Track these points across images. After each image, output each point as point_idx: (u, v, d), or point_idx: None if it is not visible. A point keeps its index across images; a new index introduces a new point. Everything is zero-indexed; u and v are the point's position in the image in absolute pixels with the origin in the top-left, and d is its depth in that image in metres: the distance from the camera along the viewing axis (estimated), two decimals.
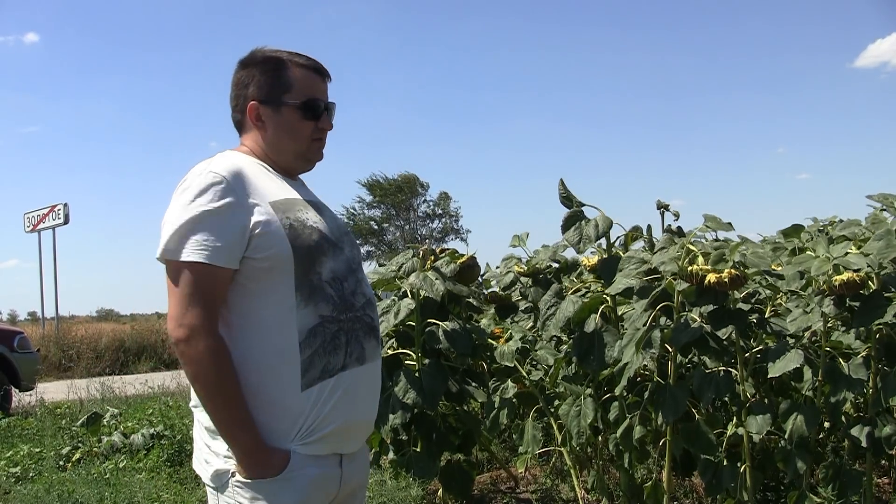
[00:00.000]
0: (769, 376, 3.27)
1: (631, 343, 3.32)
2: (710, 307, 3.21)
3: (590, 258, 3.91)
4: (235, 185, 1.73)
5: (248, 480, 1.71)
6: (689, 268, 3.22)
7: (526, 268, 4.34)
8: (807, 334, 3.39)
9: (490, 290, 4.53)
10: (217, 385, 1.68)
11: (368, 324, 1.86)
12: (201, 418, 1.80)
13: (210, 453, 1.78)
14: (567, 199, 3.56)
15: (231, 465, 1.73)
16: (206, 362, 1.67)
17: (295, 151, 1.92)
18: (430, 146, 64.69)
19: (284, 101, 1.88)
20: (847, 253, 3.14)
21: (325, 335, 1.75)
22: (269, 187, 1.80)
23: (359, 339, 1.82)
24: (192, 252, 1.68)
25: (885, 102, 58.88)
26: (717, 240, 3.53)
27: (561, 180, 3.57)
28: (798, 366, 3.20)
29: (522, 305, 4.71)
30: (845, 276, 3.09)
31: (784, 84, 60.22)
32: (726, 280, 3.12)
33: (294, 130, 1.90)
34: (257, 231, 1.71)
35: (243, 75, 1.91)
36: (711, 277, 3.15)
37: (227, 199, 1.71)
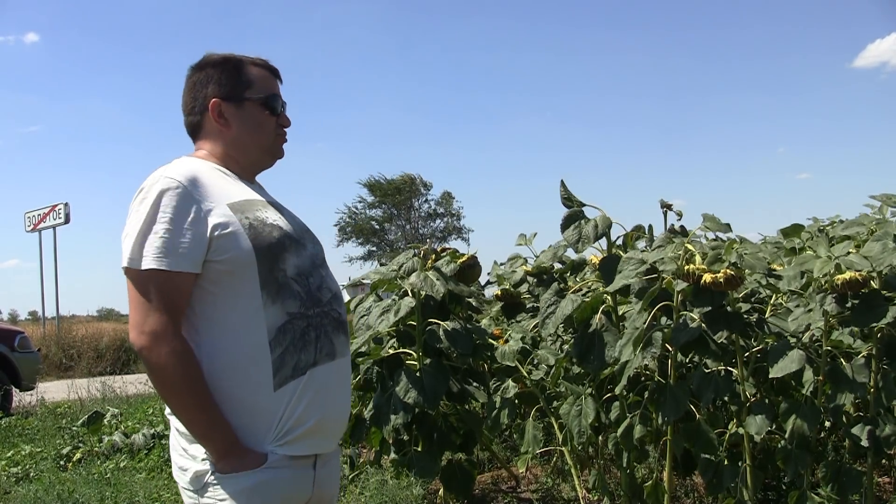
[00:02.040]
0: (770, 377, 3.26)
1: (629, 342, 3.32)
2: (707, 308, 3.20)
3: (597, 257, 3.90)
4: (192, 190, 1.73)
5: (226, 477, 1.70)
6: (687, 267, 3.21)
7: (532, 267, 4.34)
8: (807, 334, 3.38)
9: (502, 288, 4.51)
10: (184, 389, 1.68)
11: (336, 318, 1.86)
12: (177, 424, 1.79)
13: (187, 458, 1.77)
14: (568, 199, 3.56)
15: (210, 465, 1.72)
16: (171, 367, 1.66)
17: (260, 146, 1.95)
18: (434, 146, 64.83)
19: (247, 97, 1.91)
20: (849, 253, 3.14)
21: (295, 332, 1.75)
22: (226, 189, 1.81)
23: (328, 335, 1.82)
24: (151, 260, 1.68)
25: (885, 102, 58.94)
26: (716, 239, 3.52)
27: (562, 181, 3.57)
28: (800, 367, 3.19)
29: (529, 304, 4.71)
30: (848, 275, 3.08)
31: (784, 84, 60.33)
32: (722, 280, 3.11)
33: (258, 125, 1.93)
34: (217, 233, 1.71)
35: (200, 77, 1.93)
36: (707, 278, 3.14)
37: (185, 205, 1.71)
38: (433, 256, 4.23)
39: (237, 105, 1.90)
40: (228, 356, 1.72)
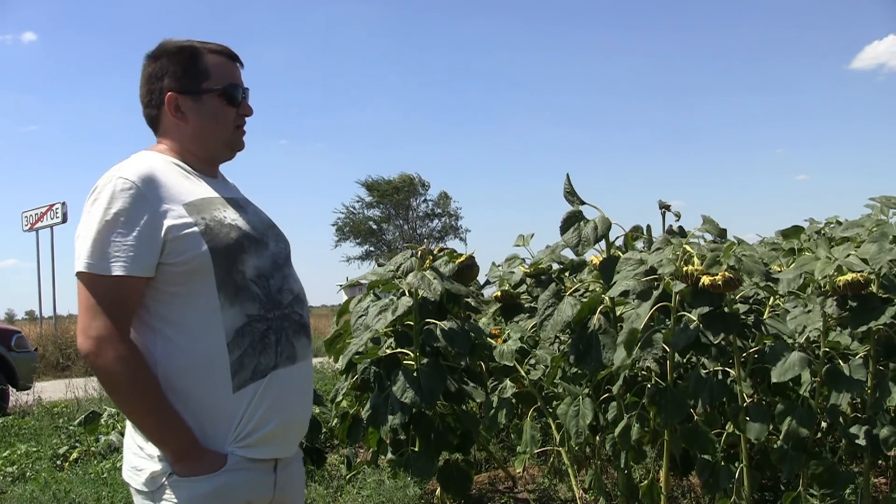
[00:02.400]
0: (773, 381, 3.25)
1: (621, 345, 3.32)
2: (706, 309, 3.20)
3: (597, 257, 3.89)
4: (146, 190, 1.68)
5: (184, 480, 1.66)
6: (685, 269, 3.22)
7: (530, 268, 4.34)
8: (804, 335, 3.38)
9: (502, 289, 4.50)
10: (132, 392, 1.65)
11: (297, 321, 1.81)
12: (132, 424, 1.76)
13: (143, 457, 1.72)
14: (570, 194, 3.55)
15: (166, 465, 1.68)
16: (118, 371, 1.63)
17: (220, 139, 1.87)
18: (432, 146, 64.92)
19: (204, 89, 1.82)
20: (850, 254, 3.14)
21: (254, 335, 1.71)
22: (183, 188, 1.75)
23: (289, 338, 1.78)
24: (101, 264, 1.64)
25: (883, 104, 59.07)
26: (714, 241, 3.52)
27: (567, 175, 3.56)
28: (801, 372, 3.18)
29: (527, 305, 4.70)
30: (849, 276, 3.08)
31: (782, 86, 60.45)
32: (720, 283, 3.12)
33: (217, 117, 1.84)
34: (171, 236, 1.66)
35: (155, 68, 1.84)
36: (705, 280, 3.14)
37: (137, 207, 1.66)
38: (431, 256, 4.23)
39: (194, 98, 1.82)
40: (186, 357, 1.68)
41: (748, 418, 3.33)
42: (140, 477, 1.72)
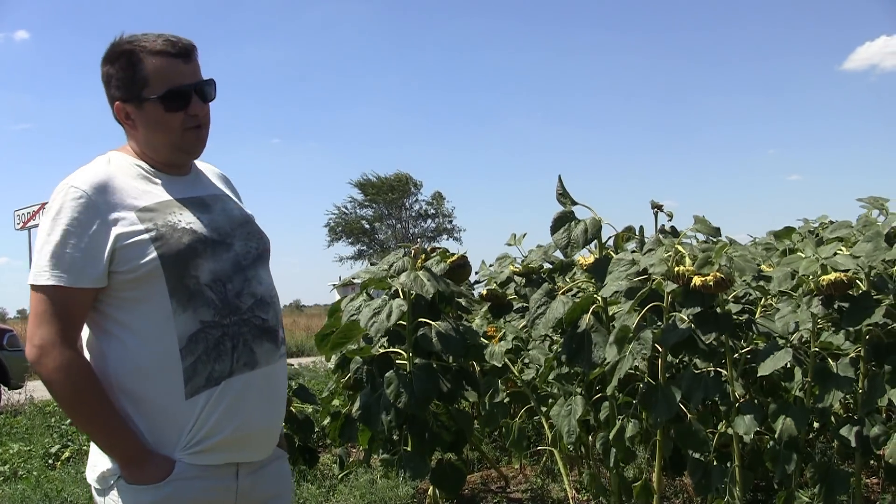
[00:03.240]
0: (759, 375, 3.27)
1: (614, 343, 3.32)
2: (697, 309, 3.20)
3: (586, 257, 3.90)
4: (97, 199, 1.66)
5: (130, 487, 1.65)
6: (676, 269, 3.22)
7: (521, 267, 4.34)
8: (796, 336, 3.39)
9: (488, 288, 4.51)
10: (76, 399, 1.65)
11: (258, 326, 1.76)
12: None
13: (97, 454, 1.72)
14: (563, 195, 3.56)
15: (116, 467, 1.67)
16: (60, 378, 1.63)
17: (168, 145, 1.79)
18: (425, 146, 64.84)
19: (144, 97, 1.75)
20: (836, 253, 3.15)
21: (208, 341, 1.68)
22: (139, 192, 1.73)
23: (247, 343, 1.73)
24: (46, 275, 1.64)
25: (875, 104, 59.24)
26: (706, 241, 3.53)
27: (559, 177, 3.56)
28: (787, 365, 3.21)
29: (517, 304, 4.71)
30: (833, 276, 3.10)
31: (774, 86, 60.52)
32: (711, 283, 3.12)
33: (160, 124, 1.76)
34: (119, 244, 1.65)
35: (104, 73, 1.80)
36: (697, 280, 3.15)
37: (85, 217, 1.65)
38: (423, 256, 4.23)
39: (137, 106, 1.76)
40: (138, 361, 1.67)
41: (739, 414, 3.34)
42: (93, 473, 1.73)
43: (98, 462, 1.72)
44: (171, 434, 1.68)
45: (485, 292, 4.51)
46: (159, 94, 1.74)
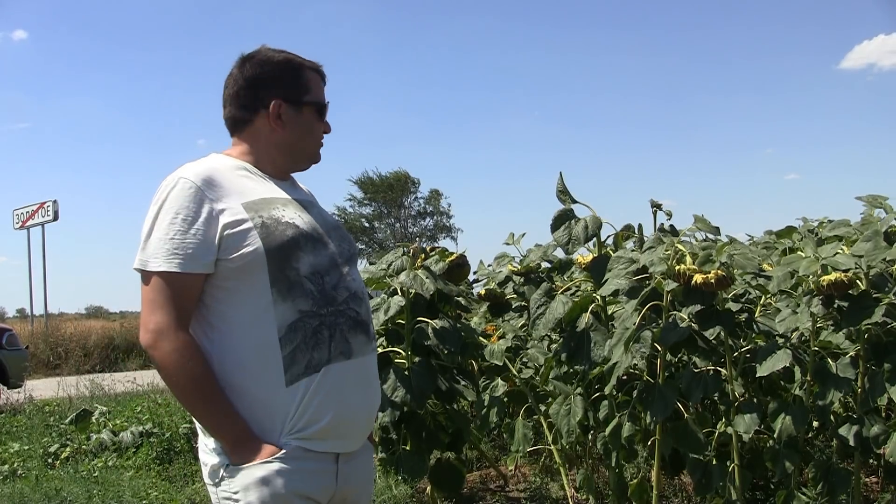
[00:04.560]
0: (758, 375, 3.27)
1: (620, 342, 3.32)
2: (698, 307, 3.21)
3: (584, 256, 3.90)
4: (206, 190, 1.75)
5: (241, 468, 1.71)
6: (677, 267, 3.22)
7: (519, 266, 4.34)
8: (795, 334, 3.39)
9: (487, 288, 4.51)
10: (190, 382, 1.71)
11: (353, 318, 1.84)
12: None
13: (207, 452, 1.79)
14: (563, 192, 3.56)
15: (224, 458, 1.73)
16: (174, 362, 1.69)
17: (306, 151, 1.97)
18: (422, 145, 64.79)
19: (305, 101, 1.92)
20: (836, 253, 3.15)
21: (306, 330, 1.75)
22: (244, 188, 1.82)
23: (343, 334, 1.80)
24: (160, 261, 1.71)
25: (872, 103, 59.28)
26: (706, 239, 3.53)
27: (560, 174, 3.56)
28: (787, 365, 3.20)
29: (515, 304, 4.71)
30: (833, 276, 3.09)
31: (772, 85, 60.53)
32: (712, 281, 3.12)
33: (311, 131, 1.95)
34: (227, 233, 1.73)
35: (259, 74, 1.91)
36: (698, 278, 3.15)
37: (196, 205, 1.73)
38: (422, 255, 4.23)
39: (296, 109, 1.91)
40: (238, 352, 1.74)
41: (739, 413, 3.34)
42: (205, 470, 1.79)
43: (207, 460, 1.78)
44: (275, 422, 1.74)
45: (483, 291, 4.51)
46: (317, 102, 1.94)
